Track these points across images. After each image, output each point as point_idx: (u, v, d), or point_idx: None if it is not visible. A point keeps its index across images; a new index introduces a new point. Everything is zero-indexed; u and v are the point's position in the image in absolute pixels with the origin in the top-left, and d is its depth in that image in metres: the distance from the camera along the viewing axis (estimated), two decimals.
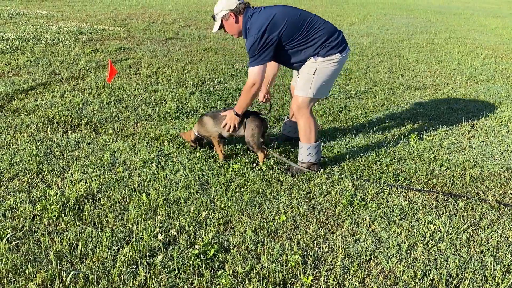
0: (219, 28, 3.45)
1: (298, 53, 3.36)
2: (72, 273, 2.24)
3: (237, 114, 3.54)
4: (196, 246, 2.51)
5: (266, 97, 3.94)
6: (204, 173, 3.45)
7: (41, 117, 4.37)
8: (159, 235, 2.61)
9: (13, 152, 3.60)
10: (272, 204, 3.07)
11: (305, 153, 3.54)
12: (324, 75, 3.37)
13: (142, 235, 2.62)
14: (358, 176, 3.50)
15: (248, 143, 3.63)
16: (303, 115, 3.48)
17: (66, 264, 2.36)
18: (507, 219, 2.97)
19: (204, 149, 3.87)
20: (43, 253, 2.43)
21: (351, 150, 4.00)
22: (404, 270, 2.43)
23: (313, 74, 3.35)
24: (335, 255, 2.55)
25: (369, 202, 3.12)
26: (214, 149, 3.81)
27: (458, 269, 2.45)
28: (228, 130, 3.62)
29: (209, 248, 2.52)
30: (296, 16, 3.28)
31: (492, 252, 2.61)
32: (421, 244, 2.65)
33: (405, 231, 2.80)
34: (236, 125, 3.60)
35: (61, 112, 4.55)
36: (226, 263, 2.45)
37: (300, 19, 3.27)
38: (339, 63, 3.39)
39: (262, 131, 3.62)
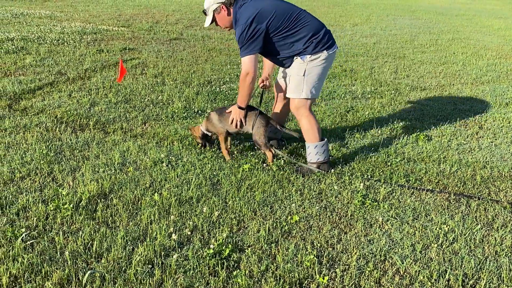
0: (211, 23, 3.44)
1: (286, 47, 3.36)
2: (88, 272, 2.24)
3: (240, 108, 3.54)
4: (211, 246, 2.51)
5: (264, 82, 3.87)
6: (214, 173, 3.45)
7: (50, 117, 4.37)
8: (173, 234, 2.61)
9: (23, 151, 3.59)
10: (284, 204, 3.07)
11: (313, 152, 3.54)
12: (315, 75, 3.39)
13: (156, 234, 2.62)
14: (369, 177, 3.50)
15: (255, 142, 3.63)
16: (302, 114, 3.49)
17: (82, 263, 2.36)
18: None
19: (213, 149, 3.86)
20: (58, 253, 2.43)
21: (361, 150, 4.00)
22: (419, 271, 2.43)
23: (303, 75, 3.38)
24: (349, 256, 2.55)
25: (381, 202, 3.12)
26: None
27: (474, 269, 2.45)
28: (236, 126, 3.61)
29: (223, 248, 2.52)
30: (285, 9, 3.31)
31: (507, 253, 2.61)
32: (435, 245, 2.65)
33: (419, 231, 2.80)
34: (243, 120, 3.59)
35: (69, 112, 4.54)
36: (241, 263, 2.45)
37: (289, 11, 3.30)
38: (327, 61, 3.41)
39: (269, 129, 3.62)
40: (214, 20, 3.43)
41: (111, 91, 5.30)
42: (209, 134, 3.84)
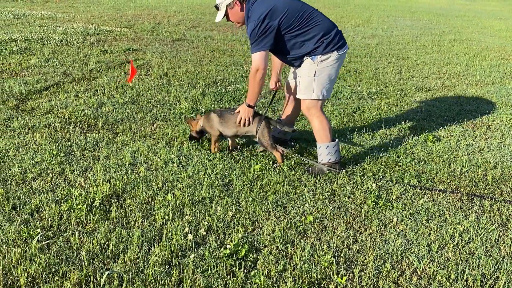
0: (223, 17, 3.44)
1: (297, 45, 3.37)
2: (106, 273, 2.23)
3: (250, 106, 3.53)
4: (227, 246, 2.50)
5: (277, 84, 3.91)
6: (226, 173, 3.44)
7: (57, 117, 4.35)
8: (189, 235, 2.60)
9: (33, 152, 3.58)
10: (297, 204, 3.07)
11: (324, 153, 3.53)
12: (325, 75, 3.40)
13: (171, 235, 2.61)
14: (381, 177, 3.49)
15: (261, 144, 3.62)
16: (314, 115, 3.49)
17: (99, 264, 2.35)
18: None
19: (224, 150, 3.86)
20: (74, 253, 2.41)
21: (370, 151, 3.99)
22: (437, 271, 2.42)
23: (314, 76, 3.39)
24: (366, 256, 2.54)
25: (394, 203, 3.12)
26: (230, 147, 3.88)
27: (491, 269, 2.45)
28: (244, 125, 3.60)
29: (239, 248, 2.51)
30: (298, 7, 3.32)
31: None
32: (451, 245, 2.64)
33: (434, 231, 2.79)
34: (251, 119, 3.58)
35: (76, 113, 4.53)
36: (258, 263, 2.44)
37: (301, 10, 3.32)
38: (337, 61, 3.41)
39: (271, 130, 3.61)
40: (226, 15, 3.43)
41: (117, 92, 5.29)
42: (204, 131, 3.87)
